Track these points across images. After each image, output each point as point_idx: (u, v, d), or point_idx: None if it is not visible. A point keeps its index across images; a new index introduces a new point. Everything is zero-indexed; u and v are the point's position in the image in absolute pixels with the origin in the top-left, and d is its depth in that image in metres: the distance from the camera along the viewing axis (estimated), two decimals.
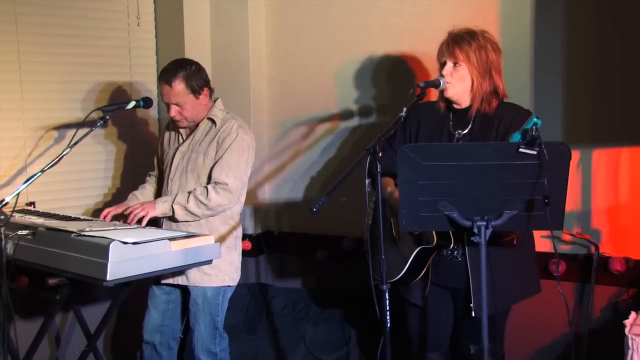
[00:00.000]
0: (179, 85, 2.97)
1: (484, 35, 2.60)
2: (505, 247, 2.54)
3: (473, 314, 2.53)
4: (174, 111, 3.01)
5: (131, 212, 2.94)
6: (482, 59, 2.57)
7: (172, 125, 3.19)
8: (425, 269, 2.65)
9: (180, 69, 2.99)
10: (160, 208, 2.98)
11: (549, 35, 3.11)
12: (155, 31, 3.85)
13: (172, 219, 3.03)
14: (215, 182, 3.00)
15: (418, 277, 2.67)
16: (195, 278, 3.06)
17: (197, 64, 3.05)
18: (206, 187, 3.00)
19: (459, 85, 2.59)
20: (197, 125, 3.10)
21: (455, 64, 2.57)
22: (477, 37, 2.58)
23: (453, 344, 2.88)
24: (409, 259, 2.59)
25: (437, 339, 2.81)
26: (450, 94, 2.61)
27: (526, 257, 2.67)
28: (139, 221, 2.93)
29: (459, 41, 2.57)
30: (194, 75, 3.00)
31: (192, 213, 2.99)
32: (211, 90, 3.10)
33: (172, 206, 2.97)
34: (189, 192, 3.01)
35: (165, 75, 2.99)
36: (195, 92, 3.00)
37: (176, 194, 3.02)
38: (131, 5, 3.73)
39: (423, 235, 2.57)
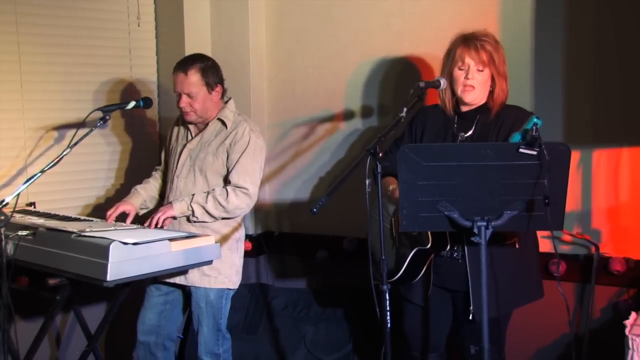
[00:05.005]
0: (194, 75, 2.99)
1: (493, 35, 2.59)
2: (507, 250, 2.52)
3: (471, 317, 2.51)
4: (184, 102, 3.00)
5: (151, 219, 2.94)
6: (500, 59, 2.55)
7: (182, 121, 3.18)
8: (424, 270, 2.64)
9: (197, 61, 3.02)
10: (178, 208, 2.97)
11: (549, 35, 3.11)
12: (156, 31, 3.85)
13: (174, 217, 3.03)
14: (235, 186, 2.99)
15: (417, 278, 2.66)
16: (194, 278, 3.04)
17: (213, 61, 3.08)
18: (226, 189, 2.99)
19: (482, 89, 2.56)
20: (206, 125, 3.10)
21: (480, 68, 2.53)
22: (491, 36, 2.56)
23: (449, 345, 2.88)
24: (406, 259, 2.59)
25: (435, 340, 2.80)
26: (470, 99, 2.57)
27: (529, 260, 2.65)
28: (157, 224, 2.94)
29: (484, 43, 2.52)
30: (210, 70, 3.03)
31: (209, 214, 2.98)
32: (224, 90, 3.11)
33: (190, 205, 2.97)
34: (207, 192, 3.00)
35: (182, 65, 3.02)
36: (209, 86, 3.02)
37: (193, 194, 3.01)
38: (131, 6, 3.73)
39: (419, 236, 2.56)
